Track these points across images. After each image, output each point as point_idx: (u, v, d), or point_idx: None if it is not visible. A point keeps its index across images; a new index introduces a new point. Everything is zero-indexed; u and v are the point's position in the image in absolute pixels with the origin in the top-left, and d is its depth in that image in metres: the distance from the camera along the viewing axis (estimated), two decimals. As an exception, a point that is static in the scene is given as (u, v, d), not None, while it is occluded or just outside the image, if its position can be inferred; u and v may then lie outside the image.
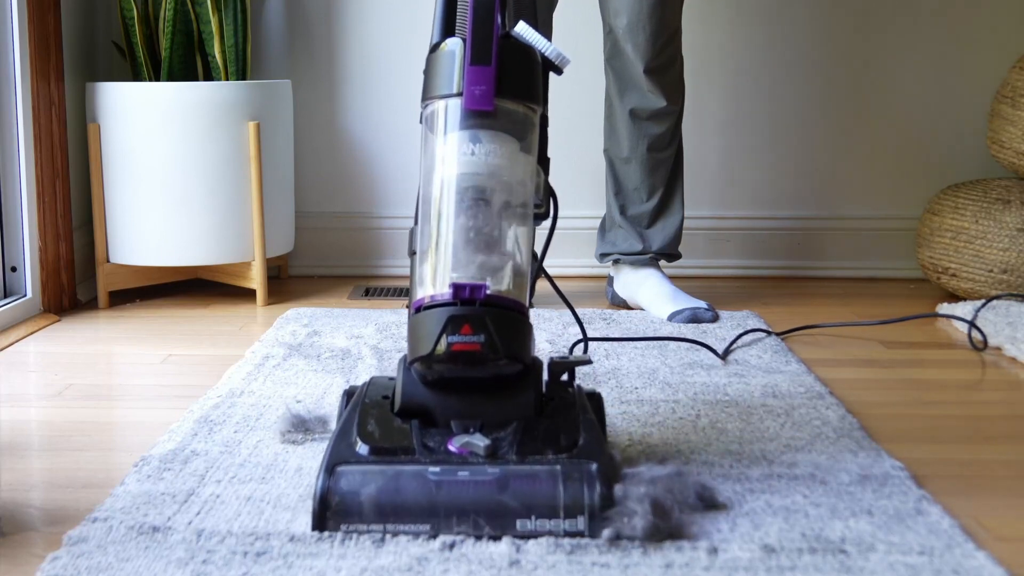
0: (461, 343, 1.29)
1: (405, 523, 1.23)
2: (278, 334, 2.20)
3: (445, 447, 1.29)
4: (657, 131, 2.39)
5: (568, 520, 1.23)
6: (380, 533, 1.22)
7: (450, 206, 1.35)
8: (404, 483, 1.24)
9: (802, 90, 2.90)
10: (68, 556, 1.19)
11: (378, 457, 1.27)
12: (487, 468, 1.25)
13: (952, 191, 2.64)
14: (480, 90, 1.36)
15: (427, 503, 1.23)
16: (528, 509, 1.23)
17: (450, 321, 1.29)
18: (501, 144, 1.37)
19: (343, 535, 1.23)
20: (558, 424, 1.32)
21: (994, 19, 2.86)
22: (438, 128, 1.39)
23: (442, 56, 1.40)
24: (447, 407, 1.33)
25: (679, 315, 2.32)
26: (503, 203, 1.37)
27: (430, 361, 1.30)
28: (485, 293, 1.31)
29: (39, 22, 2.39)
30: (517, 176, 1.38)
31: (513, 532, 1.23)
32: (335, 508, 1.24)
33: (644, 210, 2.46)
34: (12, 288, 2.42)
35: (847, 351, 2.15)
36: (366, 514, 1.23)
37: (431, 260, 1.35)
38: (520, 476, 1.24)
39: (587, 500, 1.23)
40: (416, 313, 1.34)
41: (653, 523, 1.22)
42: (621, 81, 2.38)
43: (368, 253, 2.94)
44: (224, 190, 2.53)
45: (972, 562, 1.19)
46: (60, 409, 1.80)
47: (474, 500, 1.23)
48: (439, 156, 1.38)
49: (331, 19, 2.88)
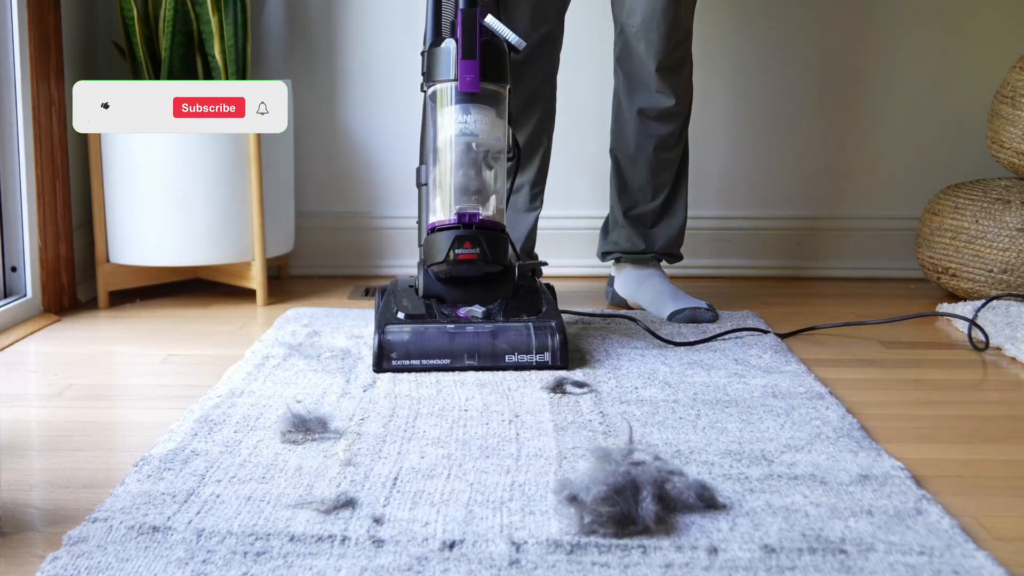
0: (464, 254, 1.95)
1: (431, 360, 1.90)
2: (278, 334, 2.20)
3: (455, 314, 1.97)
4: (664, 131, 2.39)
5: (539, 355, 1.92)
6: (417, 366, 1.90)
7: (452, 157, 1.99)
8: (430, 335, 1.93)
9: (802, 91, 2.90)
10: (68, 556, 1.19)
11: (411, 320, 1.95)
12: (485, 325, 1.94)
13: (952, 191, 2.64)
14: (470, 77, 1.97)
15: (447, 347, 1.91)
16: (513, 349, 1.92)
17: (456, 239, 1.95)
18: (484, 113, 2.00)
19: (343, 535, 1.23)
20: (527, 301, 2.00)
21: (994, 19, 2.87)
22: (440, 102, 2.02)
23: (441, 52, 2.02)
24: (454, 292, 2.01)
25: (679, 315, 2.32)
26: (486, 153, 2.00)
27: (443, 265, 1.97)
28: (479, 219, 1.98)
29: (39, 22, 2.39)
30: (495, 135, 2.01)
31: (503, 364, 1.91)
32: (387, 352, 1.90)
33: (648, 210, 2.46)
34: (12, 288, 2.42)
35: (847, 351, 2.15)
36: (406, 354, 1.90)
37: (439, 195, 2.01)
38: (506, 330, 1.94)
39: (550, 343, 1.92)
40: (432, 233, 2.00)
41: (656, 512, 1.24)
42: (630, 81, 2.38)
43: (368, 253, 2.94)
44: (224, 190, 2.53)
45: (972, 562, 1.18)
46: (60, 409, 1.80)
47: (478, 344, 1.92)
48: (441, 122, 2.01)
49: (331, 19, 2.88)
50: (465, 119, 1.98)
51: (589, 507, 1.24)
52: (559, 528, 1.25)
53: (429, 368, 1.89)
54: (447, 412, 1.70)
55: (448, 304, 1.99)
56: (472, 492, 1.37)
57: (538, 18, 2.35)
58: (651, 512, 1.24)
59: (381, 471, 1.44)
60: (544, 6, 2.37)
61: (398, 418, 1.67)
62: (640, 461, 1.33)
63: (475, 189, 1.99)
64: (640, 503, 1.25)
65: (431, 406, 1.73)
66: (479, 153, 1.98)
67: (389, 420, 1.66)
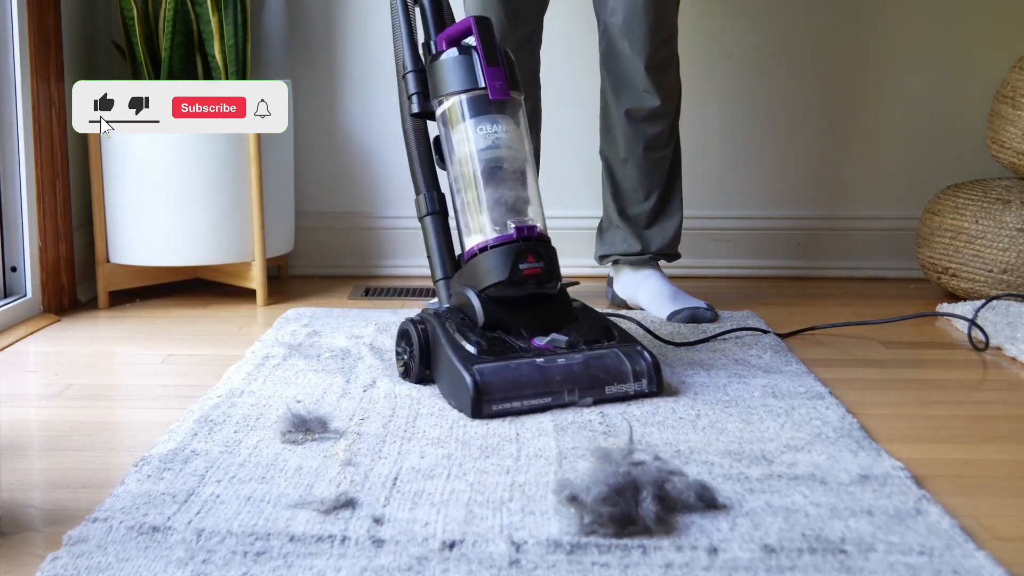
0: (530, 268, 1.77)
1: (531, 399, 1.68)
2: (278, 334, 2.19)
3: (532, 345, 1.75)
4: (653, 131, 2.38)
5: (636, 383, 1.74)
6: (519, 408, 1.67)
7: (483, 174, 1.83)
8: (524, 371, 1.70)
9: (802, 90, 2.90)
10: (68, 556, 1.19)
11: (494, 357, 1.70)
12: (574, 355, 1.73)
13: (952, 191, 2.64)
14: (499, 84, 1.83)
15: (542, 382, 1.69)
16: (612, 378, 1.73)
17: (520, 253, 1.77)
18: (508, 123, 1.85)
19: (343, 535, 1.23)
20: (592, 324, 1.82)
21: (994, 19, 2.86)
22: (455, 117, 1.85)
23: (451, 62, 1.85)
24: (517, 319, 1.78)
25: (678, 315, 2.32)
26: (519, 167, 1.85)
27: (505, 284, 1.76)
28: (537, 232, 1.81)
29: (39, 22, 2.39)
30: (522, 146, 1.87)
31: (603, 396, 1.71)
32: (485, 396, 1.66)
33: (642, 210, 2.45)
34: (12, 288, 2.42)
35: (847, 351, 2.15)
36: (503, 396, 1.67)
37: (477, 215, 1.83)
38: (599, 358, 1.74)
39: (645, 368, 1.75)
40: (481, 252, 1.80)
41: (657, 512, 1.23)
42: (617, 81, 2.36)
43: (368, 253, 2.94)
44: (224, 190, 2.53)
45: (972, 562, 1.19)
46: (60, 409, 1.80)
47: (575, 376, 1.71)
48: (459, 138, 1.85)
49: (331, 19, 2.88)
50: (495, 129, 1.83)
51: (589, 507, 1.24)
52: (559, 528, 1.25)
53: (531, 409, 1.67)
54: (447, 412, 1.69)
55: (513, 334, 1.78)
56: (472, 492, 1.37)
57: (517, 19, 2.34)
58: (651, 512, 1.24)
59: (381, 471, 1.44)
60: (523, 6, 2.35)
61: (398, 418, 1.67)
62: (640, 461, 1.33)
63: (521, 202, 1.84)
64: (640, 503, 1.25)
65: (431, 406, 1.73)
66: (512, 165, 1.84)
67: (389, 420, 1.66)
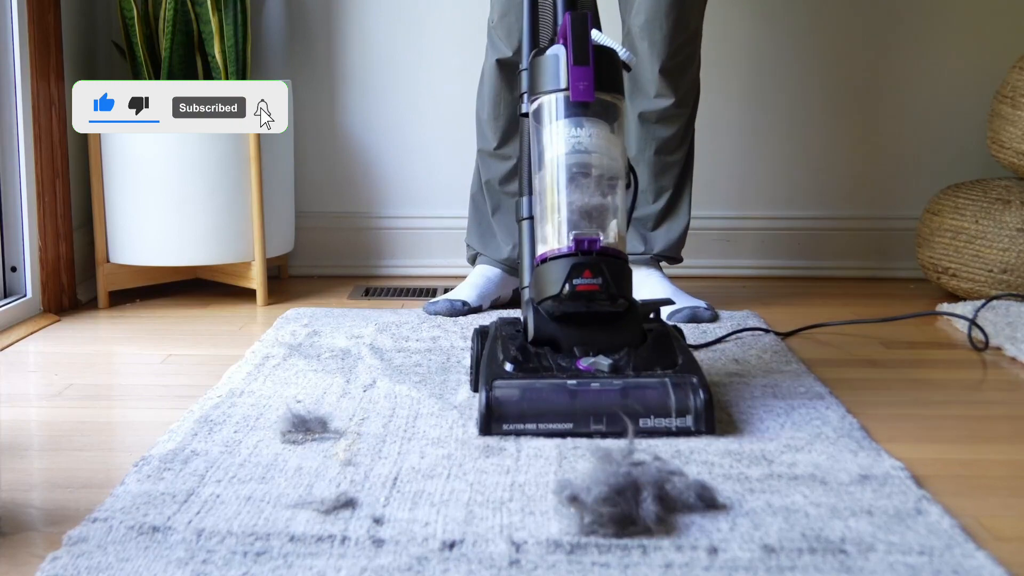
0: (584, 284, 1.63)
1: (550, 423, 1.57)
2: (278, 334, 2.19)
3: (575, 366, 1.62)
4: (666, 134, 2.38)
5: (679, 419, 1.57)
6: (532, 431, 1.56)
7: (564, 179, 1.69)
8: (547, 393, 1.58)
9: (802, 91, 2.90)
10: (68, 556, 1.19)
11: (524, 374, 1.60)
12: (613, 381, 1.59)
13: (952, 191, 2.64)
14: (583, 85, 1.70)
15: (567, 407, 1.57)
16: (648, 411, 1.57)
17: (574, 268, 1.63)
18: (599, 127, 1.71)
19: (343, 535, 1.23)
20: (659, 349, 1.67)
21: (994, 19, 2.86)
22: (545, 118, 1.72)
23: (547, 60, 1.73)
24: (570, 337, 1.67)
25: (678, 314, 2.32)
26: (603, 174, 1.70)
27: (559, 299, 1.65)
28: (600, 245, 1.66)
29: (39, 22, 2.39)
30: (612, 152, 1.72)
31: (636, 428, 1.55)
32: (496, 414, 1.57)
33: (650, 212, 2.44)
34: (12, 288, 2.42)
35: (847, 351, 2.15)
36: (519, 416, 1.57)
37: (550, 222, 1.69)
38: (640, 387, 1.58)
39: (693, 404, 1.57)
40: (542, 263, 1.68)
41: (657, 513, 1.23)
42: (632, 83, 2.36)
43: (368, 253, 2.94)
44: (224, 190, 2.53)
45: (972, 562, 1.18)
46: (60, 409, 1.80)
47: (606, 404, 1.57)
48: (548, 139, 1.72)
49: (331, 19, 2.88)
50: (578, 133, 1.70)
51: (589, 507, 1.24)
52: (559, 528, 1.25)
53: (547, 433, 1.57)
54: (447, 412, 1.69)
55: (564, 352, 1.66)
56: (472, 492, 1.37)
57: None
58: (651, 512, 1.24)
59: (381, 471, 1.44)
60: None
61: (398, 418, 1.67)
62: (640, 461, 1.33)
63: (593, 212, 1.68)
64: (640, 503, 1.25)
65: (431, 406, 1.72)
66: (595, 172, 1.70)
67: (389, 420, 1.66)
